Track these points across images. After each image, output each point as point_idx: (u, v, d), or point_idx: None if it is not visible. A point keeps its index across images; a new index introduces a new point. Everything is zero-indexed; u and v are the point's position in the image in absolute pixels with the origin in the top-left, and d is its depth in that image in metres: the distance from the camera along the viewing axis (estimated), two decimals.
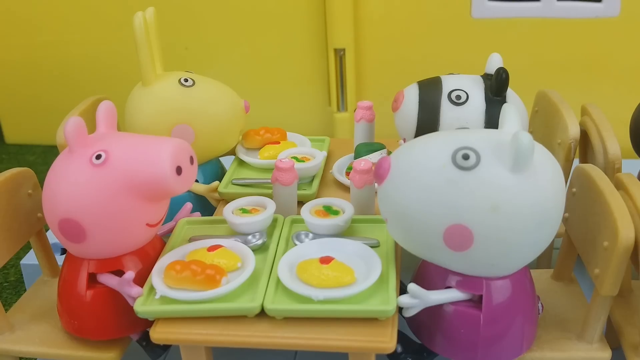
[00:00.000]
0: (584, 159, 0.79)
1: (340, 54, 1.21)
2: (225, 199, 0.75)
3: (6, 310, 0.68)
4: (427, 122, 0.70)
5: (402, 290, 0.60)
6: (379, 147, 0.78)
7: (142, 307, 0.56)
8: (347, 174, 0.77)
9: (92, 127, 0.60)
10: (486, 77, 0.72)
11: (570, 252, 0.68)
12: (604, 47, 1.15)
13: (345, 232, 0.65)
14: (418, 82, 0.73)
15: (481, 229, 0.52)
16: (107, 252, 0.60)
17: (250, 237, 0.64)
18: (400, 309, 0.56)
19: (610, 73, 1.17)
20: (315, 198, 0.73)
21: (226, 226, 0.67)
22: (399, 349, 0.62)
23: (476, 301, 0.57)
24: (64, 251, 0.65)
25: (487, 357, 0.57)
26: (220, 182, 0.77)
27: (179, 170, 0.57)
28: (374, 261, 0.58)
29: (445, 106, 0.70)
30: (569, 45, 1.16)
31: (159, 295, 0.57)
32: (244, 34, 1.26)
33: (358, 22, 1.19)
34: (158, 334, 0.56)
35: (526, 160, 0.51)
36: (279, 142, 0.82)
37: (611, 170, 0.69)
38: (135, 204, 0.57)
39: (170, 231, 0.68)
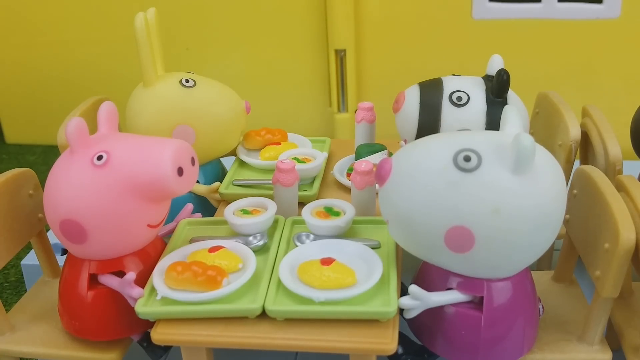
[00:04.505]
0: (585, 161, 0.79)
1: (341, 55, 1.21)
2: (226, 200, 0.75)
3: (7, 310, 0.68)
4: (428, 124, 0.70)
5: (403, 291, 0.60)
6: (380, 148, 0.78)
7: (143, 308, 0.56)
8: (348, 175, 0.77)
9: (93, 127, 0.60)
10: (487, 78, 0.72)
11: (571, 254, 0.68)
12: (605, 49, 1.15)
13: (346, 234, 0.65)
14: (419, 83, 0.73)
15: (482, 231, 0.52)
16: (108, 252, 0.60)
17: (251, 238, 0.64)
18: (401, 311, 0.56)
19: (610, 74, 1.17)
20: (316, 199, 0.73)
21: (227, 227, 0.67)
22: (400, 350, 0.62)
23: (477, 303, 0.57)
24: (64, 251, 0.65)
25: (488, 358, 0.57)
26: (221, 183, 0.77)
27: (180, 172, 0.57)
28: (375, 262, 0.59)
29: (446, 107, 0.70)
30: (569, 47, 1.16)
31: (160, 296, 0.57)
32: (245, 35, 1.26)
33: (359, 23, 1.19)
34: (159, 335, 0.56)
35: (527, 162, 0.51)
36: (279, 143, 0.82)
37: (612, 171, 0.69)
38: (136, 204, 0.57)
39: (171, 232, 0.68)
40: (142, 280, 0.60)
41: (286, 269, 0.58)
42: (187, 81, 0.77)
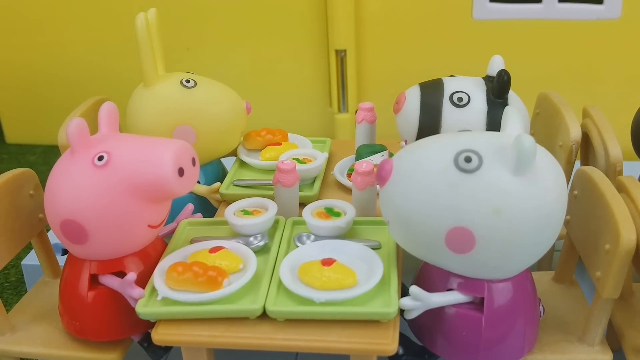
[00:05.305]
0: (586, 162, 0.79)
1: (341, 55, 1.21)
2: (227, 200, 0.75)
3: (7, 310, 0.68)
4: (429, 124, 0.70)
5: (404, 292, 0.60)
6: (380, 148, 0.78)
7: (144, 308, 0.56)
8: (349, 175, 0.77)
9: (93, 127, 0.60)
10: (488, 79, 0.72)
11: (571, 255, 0.68)
12: (605, 49, 1.15)
13: (347, 234, 0.65)
14: (419, 83, 0.73)
15: (483, 232, 0.52)
16: (109, 253, 0.60)
17: (251, 238, 0.64)
18: (401, 311, 0.56)
19: (611, 75, 1.17)
20: (317, 200, 0.73)
21: (227, 227, 0.67)
22: (401, 351, 0.62)
23: (478, 303, 0.57)
24: (64, 252, 0.65)
25: (488, 359, 0.57)
26: (221, 183, 0.77)
27: (181, 172, 0.57)
28: (375, 263, 0.59)
29: (447, 108, 0.70)
30: (570, 47, 1.16)
31: (161, 296, 0.57)
32: (246, 35, 1.26)
33: (359, 23, 1.19)
34: (159, 336, 0.56)
35: (528, 163, 0.51)
36: (280, 144, 0.82)
37: (612, 172, 0.69)
38: (137, 205, 0.57)
39: (172, 232, 0.68)
40: (143, 280, 0.60)
41: (287, 270, 0.58)
42: (187, 81, 0.77)
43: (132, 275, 0.58)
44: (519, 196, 0.51)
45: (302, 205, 0.69)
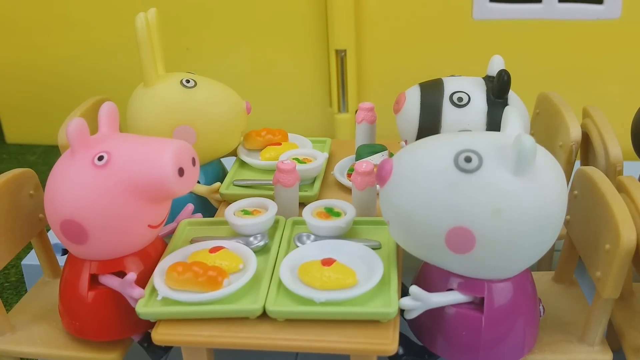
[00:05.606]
0: (586, 161, 0.79)
1: (341, 55, 1.21)
2: (227, 200, 0.75)
3: (7, 310, 0.68)
4: (429, 124, 0.70)
5: (404, 292, 0.60)
6: (380, 148, 0.78)
7: (144, 308, 0.56)
8: (349, 175, 0.77)
9: (93, 127, 0.60)
10: (488, 79, 0.72)
11: (571, 255, 0.68)
12: (605, 49, 1.15)
13: (347, 234, 0.65)
14: (420, 83, 0.73)
15: (483, 232, 0.52)
16: (109, 253, 0.60)
17: (251, 238, 0.64)
18: (401, 311, 0.56)
19: (611, 75, 1.17)
20: (317, 200, 0.73)
21: (228, 227, 0.67)
22: (401, 351, 0.62)
23: (478, 303, 0.57)
24: (64, 251, 0.65)
25: (489, 359, 0.57)
26: (221, 183, 0.77)
27: (181, 172, 0.57)
28: (375, 263, 0.59)
29: (447, 108, 0.70)
30: (570, 47, 1.16)
31: (161, 296, 0.57)
32: (246, 35, 1.26)
33: (359, 23, 1.19)
34: (160, 336, 0.56)
35: (528, 163, 0.51)
36: (280, 144, 0.82)
37: (613, 172, 0.69)
38: (137, 205, 0.57)
39: (172, 232, 0.68)
40: (143, 280, 0.60)
41: (287, 270, 0.58)
42: (187, 81, 0.77)
43: (132, 275, 0.58)
44: (519, 196, 0.51)
45: (302, 205, 0.69)
